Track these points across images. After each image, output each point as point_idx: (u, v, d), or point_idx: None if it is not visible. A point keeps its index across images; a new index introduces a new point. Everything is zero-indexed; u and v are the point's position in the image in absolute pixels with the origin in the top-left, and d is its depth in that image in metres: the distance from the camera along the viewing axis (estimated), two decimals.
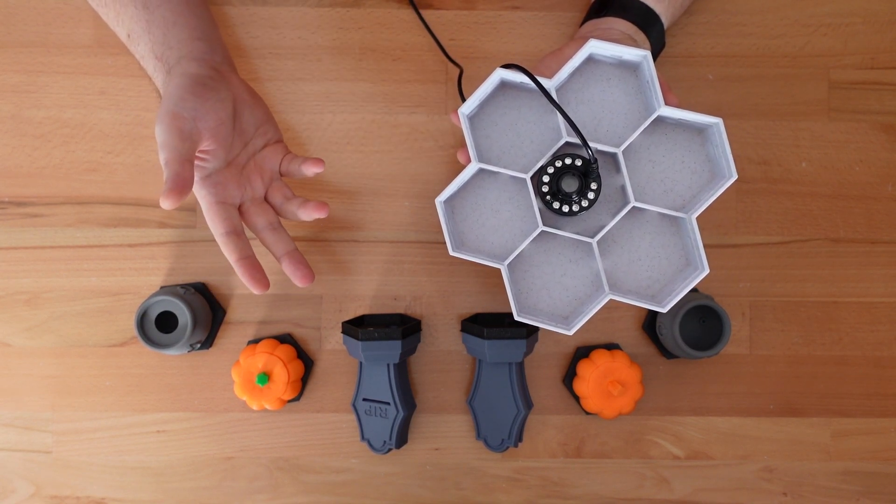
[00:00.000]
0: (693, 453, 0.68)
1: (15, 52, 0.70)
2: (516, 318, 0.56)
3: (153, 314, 0.65)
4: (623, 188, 0.57)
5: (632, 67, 0.57)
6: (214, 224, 0.57)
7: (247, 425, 0.69)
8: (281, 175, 0.62)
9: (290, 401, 0.68)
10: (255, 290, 0.57)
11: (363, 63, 0.70)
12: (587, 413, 0.67)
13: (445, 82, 0.70)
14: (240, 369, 0.65)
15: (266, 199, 0.62)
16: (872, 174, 0.70)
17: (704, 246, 0.54)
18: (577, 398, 0.67)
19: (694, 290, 0.68)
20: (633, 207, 0.56)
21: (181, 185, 0.51)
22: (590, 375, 0.65)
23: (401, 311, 0.69)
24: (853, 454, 0.69)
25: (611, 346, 0.68)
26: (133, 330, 0.68)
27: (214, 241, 0.68)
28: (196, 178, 0.57)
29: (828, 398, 0.69)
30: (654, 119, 0.55)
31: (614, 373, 0.65)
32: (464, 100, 0.56)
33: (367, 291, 0.69)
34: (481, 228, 0.58)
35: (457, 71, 0.67)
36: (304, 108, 0.70)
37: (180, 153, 0.53)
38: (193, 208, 0.69)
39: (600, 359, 0.65)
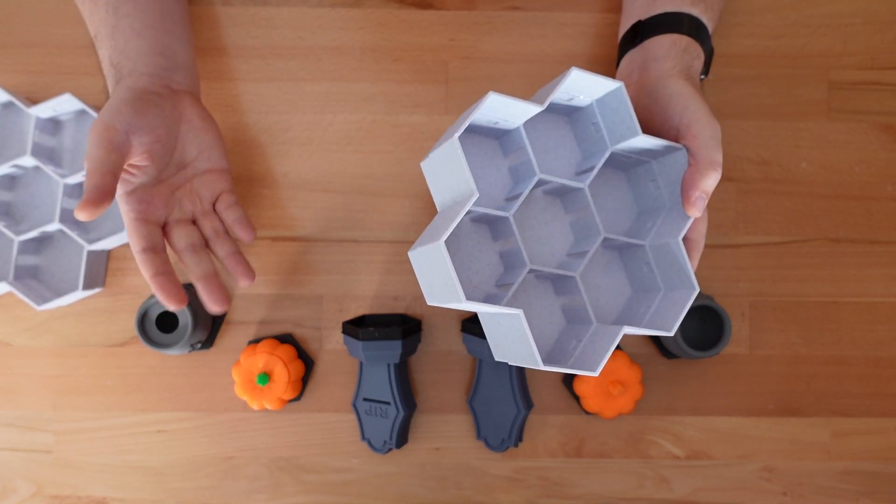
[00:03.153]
0: (693, 453, 0.69)
1: (15, 52, 0.70)
2: (543, 366, 0.47)
3: (154, 314, 0.65)
4: (591, 222, 0.53)
5: (570, 112, 0.54)
6: (133, 240, 0.56)
7: (247, 425, 0.69)
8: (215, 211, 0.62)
9: (290, 401, 0.68)
10: (172, 307, 0.55)
11: (363, 63, 0.70)
12: (587, 413, 0.67)
13: (445, 82, 0.70)
14: (240, 369, 0.66)
15: (197, 223, 0.61)
16: (872, 174, 0.70)
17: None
18: (577, 398, 0.67)
19: None
20: (604, 238, 0.52)
21: (99, 198, 0.50)
22: (590, 375, 0.65)
23: (401, 310, 0.69)
24: (853, 454, 0.69)
25: None
26: (134, 330, 0.68)
27: None
28: (120, 192, 0.56)
29: (827, 398, 0.69)
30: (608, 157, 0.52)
31: (614, 373, 0.65)
32: None
33: (368, 291, 0.69)
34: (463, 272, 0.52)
35: (456, 70, 0.67)
36: (304, 108, 0.70)
37: (104, 164, 0.52)
38: None
39: None
